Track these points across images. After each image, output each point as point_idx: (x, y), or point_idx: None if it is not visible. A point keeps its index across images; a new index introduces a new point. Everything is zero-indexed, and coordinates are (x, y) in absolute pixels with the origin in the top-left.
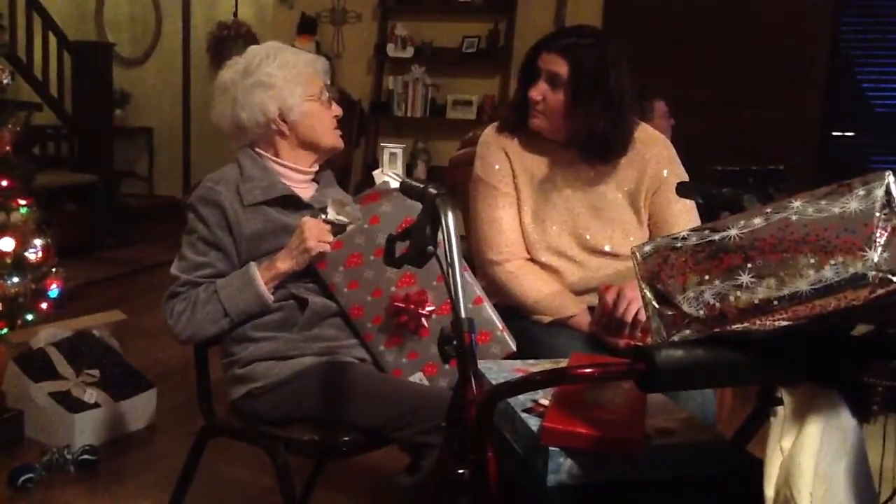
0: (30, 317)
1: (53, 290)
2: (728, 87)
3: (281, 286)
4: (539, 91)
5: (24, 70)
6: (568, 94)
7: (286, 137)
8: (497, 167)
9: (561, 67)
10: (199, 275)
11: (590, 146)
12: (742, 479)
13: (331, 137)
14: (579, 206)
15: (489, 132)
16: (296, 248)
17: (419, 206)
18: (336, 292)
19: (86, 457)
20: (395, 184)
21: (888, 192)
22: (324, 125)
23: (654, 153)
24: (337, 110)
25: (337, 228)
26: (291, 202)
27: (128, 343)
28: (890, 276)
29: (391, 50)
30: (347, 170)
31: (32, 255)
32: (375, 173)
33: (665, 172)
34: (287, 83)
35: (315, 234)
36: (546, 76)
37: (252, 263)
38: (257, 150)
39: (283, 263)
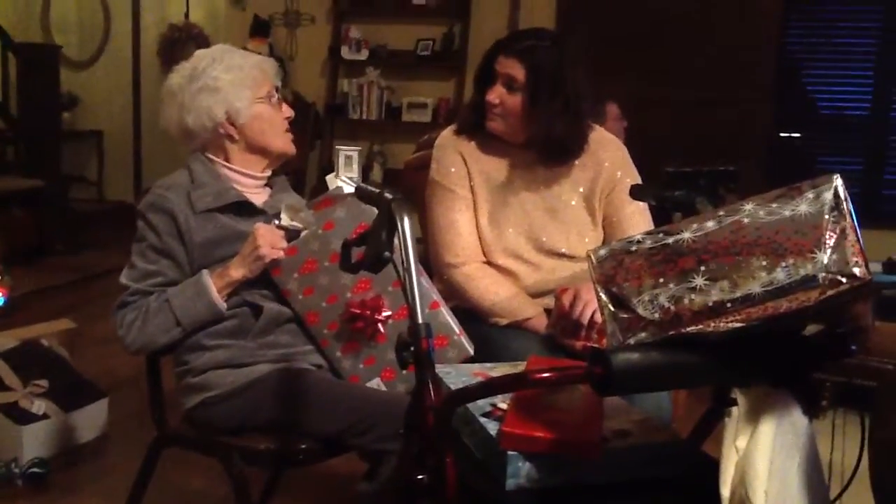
0: None
1: None
2: (680, 88)
3: (234, 293)
4: (496, 94)
5: None
6: (525, 97)
7: (236, 142)
8: (453, 170)
9: (517, 71)
10: (150, 283)
11: (547, 148)
12: (699, 479)
13: (281, 141)
14: (535, 209)
15: (446, 135)
16: (249, 255)
17: (374, 210)
18: (291, 299)
19: (34, 470)
20: (348, 189)
21: (836, 195)
22: (274, 128)
23: (609, 155)
24: (288, 111)
25: (291, 234)
26: (244, 208)
27: (78, 352)
28: (839, 278)
29: (345, 52)
30: (302, 173)
31: None
32: (329, 178)
33: (619, 174)
34: (234, 86)
35: (268, 241)
36: (503, 79)
37: (204, 271)
38: (208, 155)
39: (237, 271)
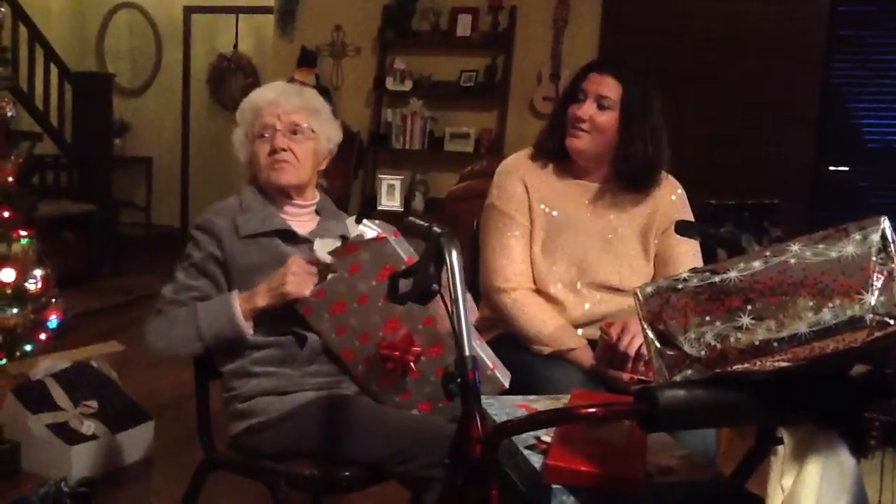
0: (28, 348)
1: (53, 321)
2: (722, 121)
3: (280, 323)
4: (585, 110)
5: (26, 100)
6: (618, 115)
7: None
8: (514, 197)
9: (611, 89)
10: (187, 296)
11: (633, 171)
12: None
13: (265, 175)
14: (590, 240)
15: (512, 161)
16: (276, 288)
17: (398, 253)
18: (326, 338)
19: (82, 489)
20: (370, 234)
21: (884, 237)
22: (259, 162)
23: (668, 193)
24: (280, 142)
25: (323, 268)
26: (288, 236)
27: (124, 374)
28: (887, 319)
29: (390, 83)
30: (346, 200)
31: (32, 286)
32: (349, 223)
33: (676, 214)
34: (239, 126)
35: (298, 279)
36: (594, 97)
37: (234, 291)
38: (259, 183)
39: (262, 299)
